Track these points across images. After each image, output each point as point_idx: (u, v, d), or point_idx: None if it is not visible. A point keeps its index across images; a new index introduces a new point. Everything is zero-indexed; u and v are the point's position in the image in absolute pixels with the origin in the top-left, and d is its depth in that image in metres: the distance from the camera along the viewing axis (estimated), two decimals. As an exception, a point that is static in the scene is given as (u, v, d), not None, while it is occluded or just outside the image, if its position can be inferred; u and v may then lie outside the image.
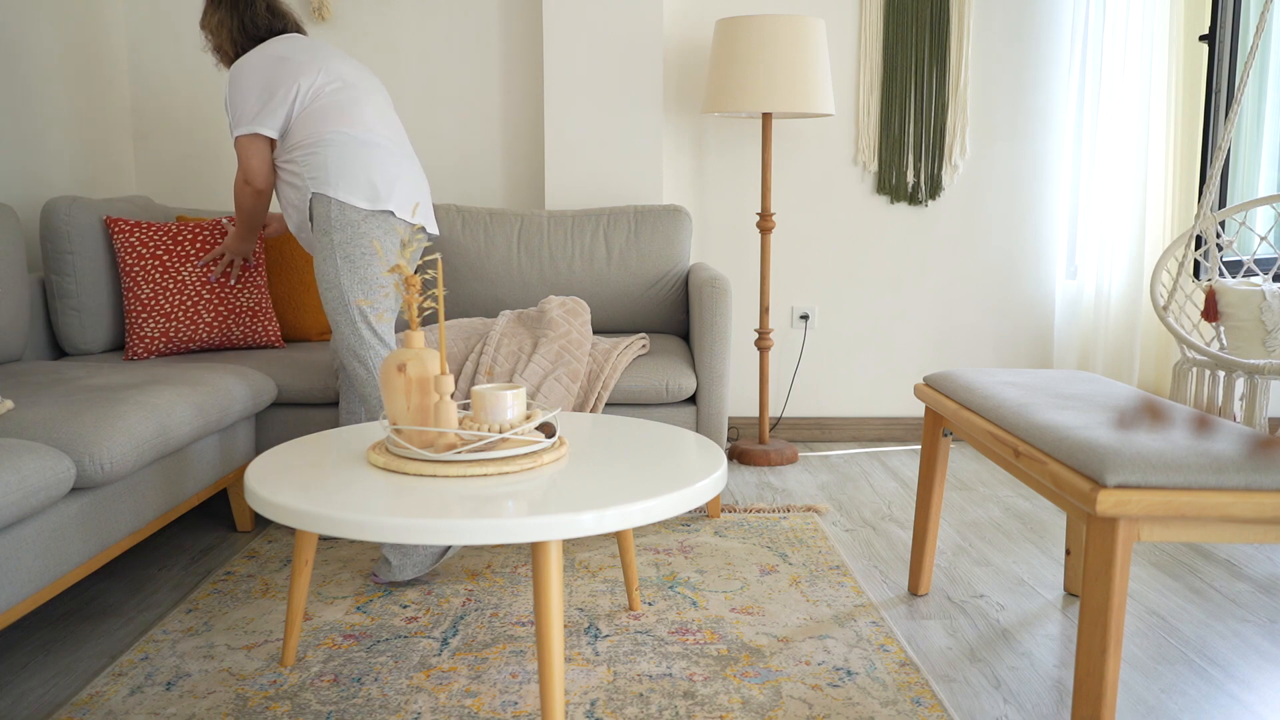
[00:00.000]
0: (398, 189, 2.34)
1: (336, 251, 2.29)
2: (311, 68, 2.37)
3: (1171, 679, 1.85)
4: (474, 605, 2.16)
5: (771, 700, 1.74)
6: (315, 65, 2.38)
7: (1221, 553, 2.55)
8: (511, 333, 2.77)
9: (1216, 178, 2.96)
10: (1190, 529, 1.44)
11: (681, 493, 1.54)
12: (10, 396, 2.08)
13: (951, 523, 2.78)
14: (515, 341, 2.74)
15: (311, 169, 2.31)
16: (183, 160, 3.66)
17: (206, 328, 2.85)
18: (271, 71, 2.35)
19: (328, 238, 2.29)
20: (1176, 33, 3.46)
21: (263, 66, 2.36)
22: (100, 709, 1.71)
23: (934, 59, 3.62)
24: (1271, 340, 2.83)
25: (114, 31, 3.53)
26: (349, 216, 2.29)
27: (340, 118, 2.34)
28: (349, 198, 2.28)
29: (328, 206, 2.28)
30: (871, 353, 3.81)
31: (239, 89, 2.36)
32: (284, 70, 2.35)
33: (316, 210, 2.30)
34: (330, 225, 2.29)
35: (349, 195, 2.28)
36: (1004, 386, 1.95)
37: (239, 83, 2.36)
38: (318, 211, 2.30)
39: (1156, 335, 3.63)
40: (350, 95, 2.38)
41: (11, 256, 2.59)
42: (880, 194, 3.72)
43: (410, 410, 1.71)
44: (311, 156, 2.31)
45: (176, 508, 2.29)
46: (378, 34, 3.61)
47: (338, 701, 1.74)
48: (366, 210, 2.29)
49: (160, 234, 2.86)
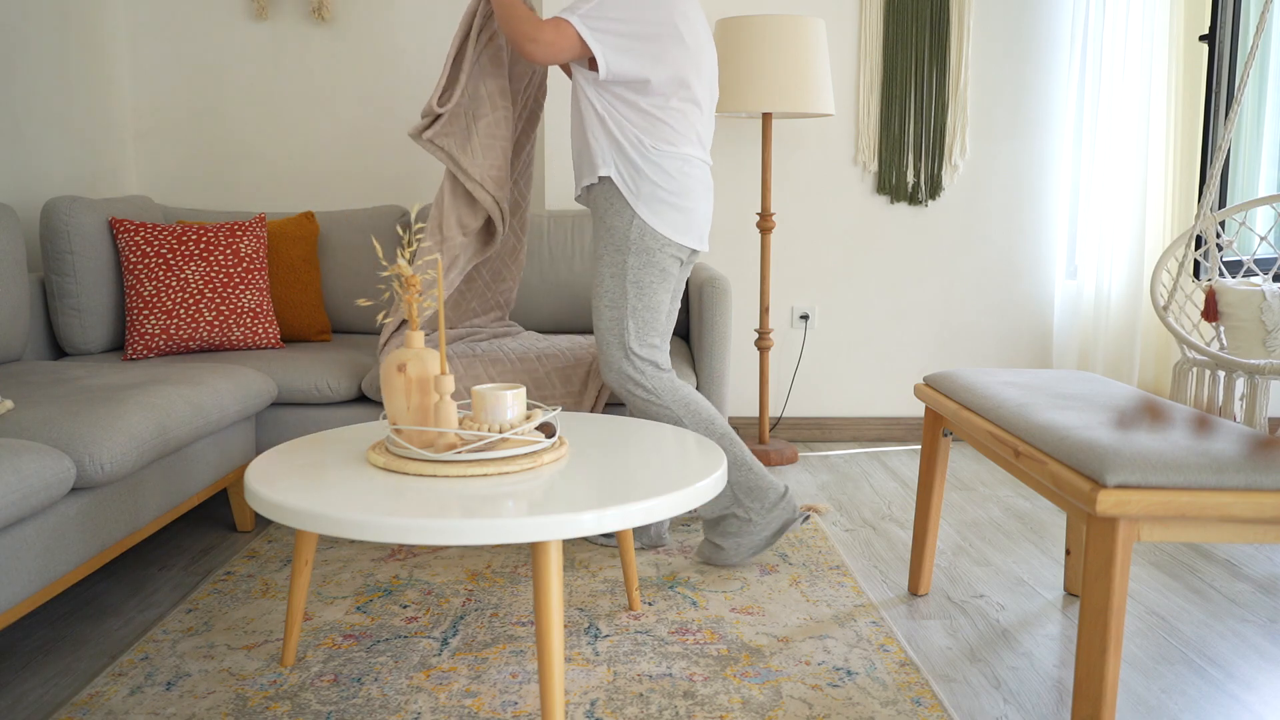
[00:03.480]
0: (698, 218, 2.30)
1: (628, 274, 2.25)
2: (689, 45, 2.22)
3: (1171, 679, 1.85)
4: (474, 605, 2.16)
5: (771, 700, 1.74)
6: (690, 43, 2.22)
7: (1221, 553, 2.55)
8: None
9: (1216, 178, 2.96)
10: (1190, 529, 1.44)
11: (681, 493, 1.54)
12: (10, 396, 2.09)
13: (951, 523, 2.78)
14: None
15: (643, 176, 2.22)
16: (183, 160, 3.66)
17: (206, 328, 2.85)
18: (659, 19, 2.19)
19: (621, 257, 2.24)
20: (1176, 33, 3.46)
21: (650, 3, 2.20)
22: (100, 709, 1.71)
23: (934, 59, 3.62)
24: (1271, 340, 2.83)
25: (114, 31, 3.53)
26: (649, 244, 2.25)
27: (689, 129, 2.25)
28: (662, 227, 2.24)
29: (633, 225, 2.23)
30: (871, 353, 3.81)
31: (616, 5, 2.18)
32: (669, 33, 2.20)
33: (617, 215, 2.24)
34: (628, 246, 2.24)
35: (664, 225, 2.24)
36: (1004, 386, 1.95)
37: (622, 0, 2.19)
38: (615, 216, 2.24)
39: (1156, 335, 3.64)
40: (702, 90, 2.27)
41: (11, 256, 2.59)
42: (880, 194, 3.72)
43: (410, 410, 1.71)
44: (652, 164, 2.22)
45: (176, 508, 2.29)
46: (378, 34, 3.62)
47: (338, 701, 1.74)
48: (667, 238, 2.26)
49: (163, 234, 2.86)
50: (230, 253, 2.91)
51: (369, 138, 3.67)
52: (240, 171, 3.67)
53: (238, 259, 2.92)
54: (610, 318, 2.29)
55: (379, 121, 3.66)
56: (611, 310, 2.28)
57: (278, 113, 3.65)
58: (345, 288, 3.25)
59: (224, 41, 3.60)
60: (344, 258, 3.25)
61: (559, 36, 2.19)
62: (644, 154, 2.22)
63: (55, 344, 2.92)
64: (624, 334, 2.28)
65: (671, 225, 2.26)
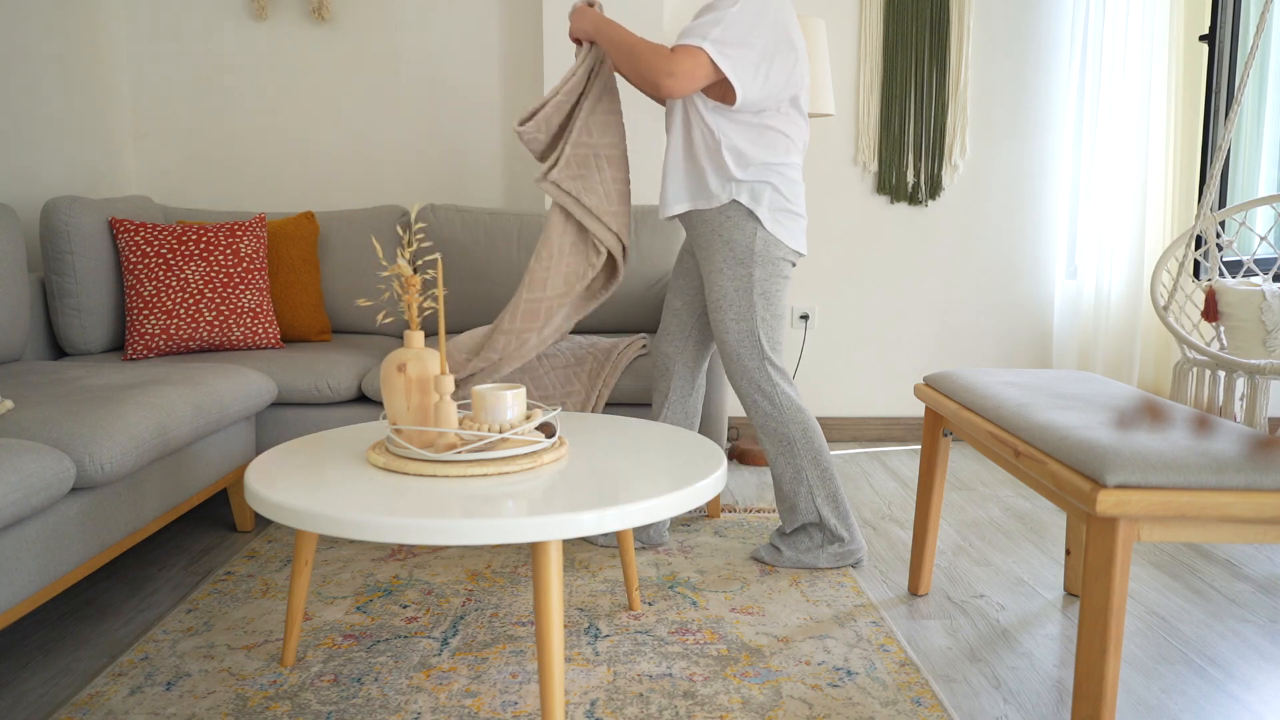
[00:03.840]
0: (805, 223, 2.32)
1: (755, 287, 2.25)
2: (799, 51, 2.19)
3: (1171, 679, 1.85)
4: (474, 605, 2.16)
5: (771, 700, 1.74)
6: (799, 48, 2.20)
7: (1221, 553, 2.55)
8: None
9: (1216, 178, 2.96)
10: (1190, 529, 1.44)
11: (681, 493, 1.54)
12: (10, 396, 2.08)
13: (951, 523, 2.78)
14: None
15: (763, 189, 2.21)
16: (182, 160, 3.66)
17: (206, 328, 2.85)
18: (776, 34, 2.16)
19: (746, 270, 2.24)
20: (1176, 33, 3.46)
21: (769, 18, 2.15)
22: (100, 709, 1.71)
23: (934, 59, 3.62)
24: (1271, 340, 2.83)
25: (114, 31, 3.53)
26: (773, 254, 2.25)
27: (799, 137, 2.25)
28: (784, 236, 2.25)
29: (756, 237, 2.23)
30: (871, 353, 3.81)
31: (740, 22, 2.12)
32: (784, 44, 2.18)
33: (737, 228, 2.23)
34: (754, 259, 2.24)
35: (785, 234, 2.25)
36: (1004, 386, 1.95)
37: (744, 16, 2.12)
38: (735, 230, 2.23)
39: (1156, 335, 3.63)
40: (806, 99, 2.27)
41: (11, 256, 2.59)
42: (880, 194, 3.72)
43: (410, 410, 1.71)
44: (773, 176, 2.21)
45: (176, 508, 2.28)
46: (378, 34, 3.62)
47: (338, 701, 1.74)
48: (789, 247, 2.27)
49: (163, 234, 2.86)
50: (230, 253, 2.91)
51: (369, 138, 3.67)
52: (240, 171, 3.67)
53: (238, 259, 2.92)
54: (739, 331, 2.29)
55: (379, 121, 3.66)
56: (739, 324, 2.28)
57: (278, 113, 3.65)
58: (345, 288, 3.25)
59: (224, 41, 3.61)
60: (344, 258, 3.25)
61: (695, 66, 2.10)
62: (761, 170, 2.22)
63: (55, 344, 2.92)
64: (759, 345, 2.29)
65: (790, 233, 2.28)
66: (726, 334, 2.30)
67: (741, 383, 2.33)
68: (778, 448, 2.35)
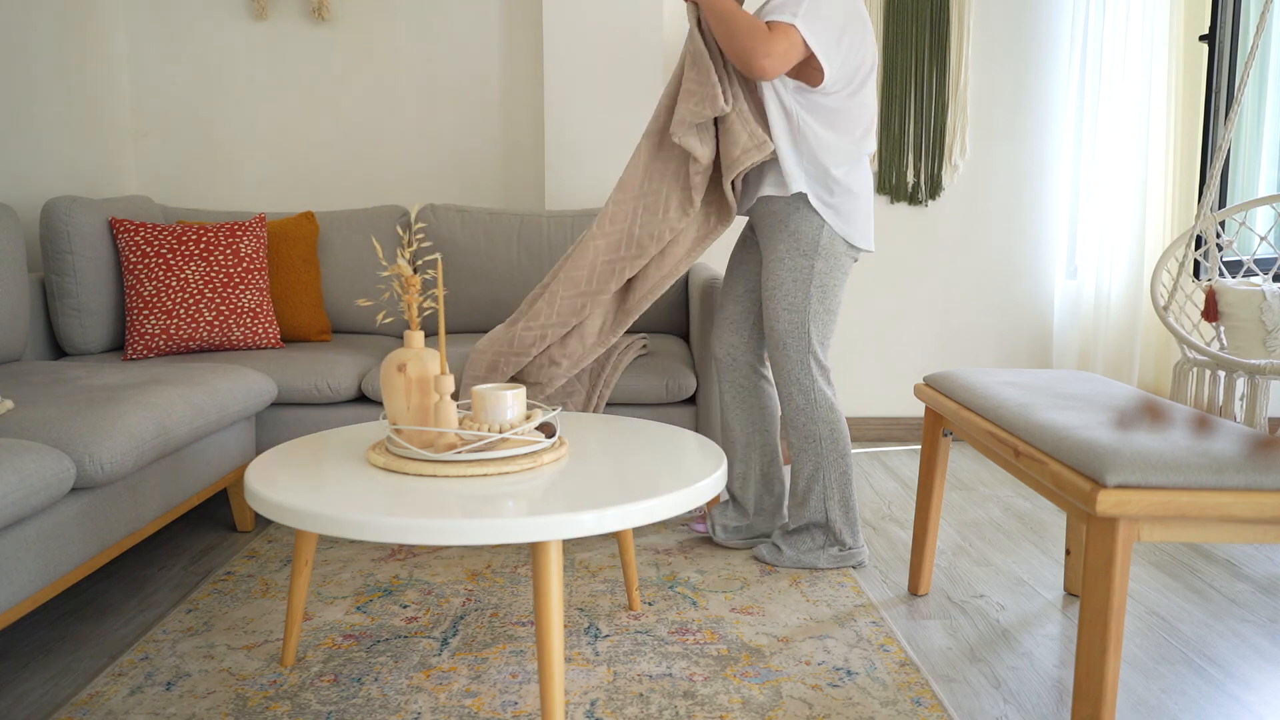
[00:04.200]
0: (872, 220, 2.29)
1: (813, 280, 2.23)
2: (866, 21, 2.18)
3: (1171, 679, 1.85)
4: (474, 605, 2.16)
5: (771, 700, 1.74)
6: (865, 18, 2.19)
7: (1221, 553, 2.55)
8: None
9: (1216, 178, 2.96)
10: (1190, 529, 1.44)
11: (681, 493, 1.54)
12: (10, 396, 2.08)
13: (951, 523, 2.78)
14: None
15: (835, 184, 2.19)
16: (182, 160, 3.66)
17: (206, 328, 2.85)
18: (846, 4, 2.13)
19: (808, 261, 2.22)
20: (1176, 33, 3.46)
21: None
22: (100, 709, 1.71)
23: (934, 59, 3.62)
24: (1271, 340, 2.83)
25: (114, 31, 3.53)
26: (837, 249, 2.24)
27: (869, 118, 2.21)
28: (850, 233, 2.23)
29: (823, 231, 2.21)
30: (871, 353, 3.81)
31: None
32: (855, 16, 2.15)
33: (805, 220, 2.21)
34: (817, 251, 2.22)
35: (853, 231, 2.23)
36: (1004, 386, 1.95)
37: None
38: (803, 221, 2.21)
39: (1156, 335, 3.64)
40: (874, 77, 2.23)
41: (11, 256, 2.59)
42: (880, 194, 3.72)
43: (410, 410, 1.71)
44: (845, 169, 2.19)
45: (176, 508, 2.28)
46: (378, 34, 3.62)
47: (338, 701, 1.74)
48: (854, 244, 2.26)
49: (163, 234, 2.86)
50: (230, 253, 2.91)
51: (369, 138, 3.67)
52: (240, 171, 3.67)
53: (238, 259, 2.92)
54: (789, 321, 2.27)
55: (379, 121, 3.66)
56: (790, 314, 2.27)
57: (278, 113, 3.65)
58: (345, 288, 3.25)
59: (224, 41, 3.60)
60: (344, 258, 3.25)
61: (790, 47, 2.07)
62: (837, 161, 2.19)
63: (55, 344, 2.92)
64: (808, 338, 2.28)
65: (858, 230, 2.26)
66: (776, 321, 2.29)
67: (780, 373, 2.32)
68: (802, 442, 2.35)
